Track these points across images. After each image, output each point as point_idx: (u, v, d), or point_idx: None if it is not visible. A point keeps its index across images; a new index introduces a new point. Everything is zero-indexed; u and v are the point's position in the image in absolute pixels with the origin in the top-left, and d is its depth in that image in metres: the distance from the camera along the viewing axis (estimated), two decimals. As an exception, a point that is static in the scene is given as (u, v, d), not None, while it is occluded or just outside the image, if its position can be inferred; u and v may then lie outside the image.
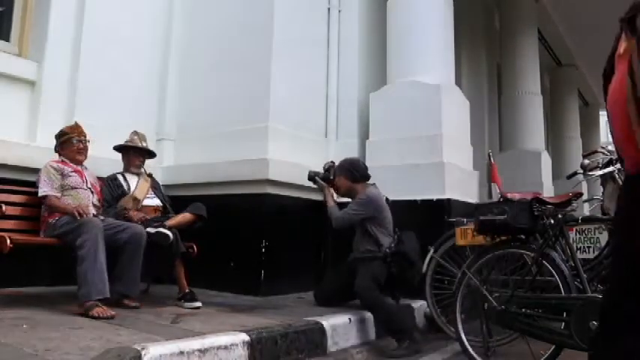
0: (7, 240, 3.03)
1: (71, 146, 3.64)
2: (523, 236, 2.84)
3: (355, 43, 5.32)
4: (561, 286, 2.59)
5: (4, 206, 3.25)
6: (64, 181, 3.51)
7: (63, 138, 3.66)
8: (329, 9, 5.33)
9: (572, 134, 11.47)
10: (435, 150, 4.53)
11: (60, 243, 3.32)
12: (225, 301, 3.85)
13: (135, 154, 4.08)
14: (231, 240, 4.31)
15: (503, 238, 2.90)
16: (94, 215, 3.49)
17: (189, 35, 5.23)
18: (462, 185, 4.63)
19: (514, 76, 8.02)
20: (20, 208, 3.54)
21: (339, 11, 5.38)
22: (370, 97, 5.07)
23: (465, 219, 3.54)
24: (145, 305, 3.39)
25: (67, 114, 4.29)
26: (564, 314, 2.58)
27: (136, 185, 3.96)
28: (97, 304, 2.97)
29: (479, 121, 7.65)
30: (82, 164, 3.71)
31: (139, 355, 2.08)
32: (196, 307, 3.47)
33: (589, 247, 3.88)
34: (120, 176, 4.01)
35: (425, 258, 3.74)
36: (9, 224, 3.40)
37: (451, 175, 4.48)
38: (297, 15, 4.92)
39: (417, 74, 4.79)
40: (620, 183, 3.19)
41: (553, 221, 2.78)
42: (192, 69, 5.12)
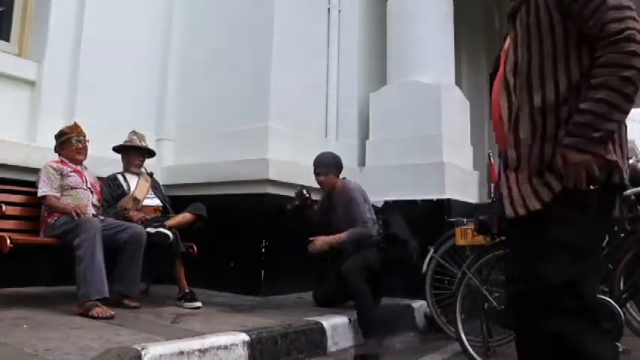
0: (7, 240, 3.03)
1: (70, 146, 3.64)
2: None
3: (355, 43, 5.32)
4: (561, 286, 2.59)
5: (4, 206, 3.25)
6: (63, 181, 3.51)
7: (62, 138, 3.66)
8: (329, 9, 5.33)
9: (572, 134, 11.46)
10: (435, 150, 4.53)
11: (59, 243, 3.32)
12: (225, 301, 3.85)
13: (134, 153, 4.07)
14: (231, 240, 4.31)
15: (503, 238, 2.89)
16: (93, 215, 3.49)
17: (189, 35, 5.22)
18: (462, 185, 4.63)
19: (514, 76, 8.00)
20: (20, 208, 3.55)
21: (339, 11, 5.38)
22: (370, 97, 5.07)
23: (465, 219, 3.54)
24: (145, 305, 3.39)
25: (67, 114, 4.29)
26: (564, 314, 2.58)
27: (136, 185, 3.96)
28: (97, 304, 2.97)
29: (479, 121, 7.64)
30: (81, 164, 3.71)
31: (139, 355, 2.08)
32: (196, 307, 3.47)
33: (589, 247, 3.88)
34: (120, 176, 4.01)
35: (425, 258, 3.74)
36: (9, 224, 3.40)
37: (451, 175, 4.48)
38: (297, 15, 4.91)
39: (417, 74, 4.79)
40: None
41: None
42: (192, 69, 5.12)
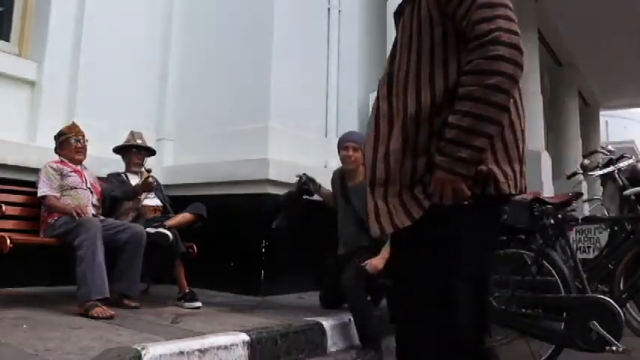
0: (7, 240, 3.03)
1: (69, 146, 3.64)
2: (523, 236, 2.84)
3: (355, 43, 5.32)
4: (561, 286, 2.59)
5: (4, 206, 3.25)
6: (63, 181, 3.51)
7: (61, 138, 3.66)
8: (329, 9, 5.32)
9: (572, 134, 11.45)
10: (435, 150, 4.52)
11: (59, 243, 3.33)
12: (225, 301, 3.85)
13: (134, 152, 4.08)
14: (231, 240, 4.31)
15: (503, 238, 2.90)
16: (93, 215, 3.49)
17: (189, 35, 5.22)
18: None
19: (514, 76, 8.00)
20: (20, 208, 3.55)
21: (339, 11, 5.37)
22: (370, 97, 5.07)
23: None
24: (145, 305, 3.39)
25: (67, 114, 4.29)
26: (564, 314, 2.58)
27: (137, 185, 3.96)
28: (97, 304, 2.97)
29: (479, 121, 7.64)
30: (81, 164, 3.71)
31: (138, 355, 2.08)
32: (196, 307, 3.46)
33: (589, 247, 3.89)
34: (123, 175, 4.02)
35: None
36: (9, 224, 3.40)
37: (451, 175, 4.48)
38: (297, 15, 4.91)
39: (417, 74, 4.78)
40: (621, 183, 3.19)
41: (553, 221, 2.78)
42: (192, 69, 5.12)
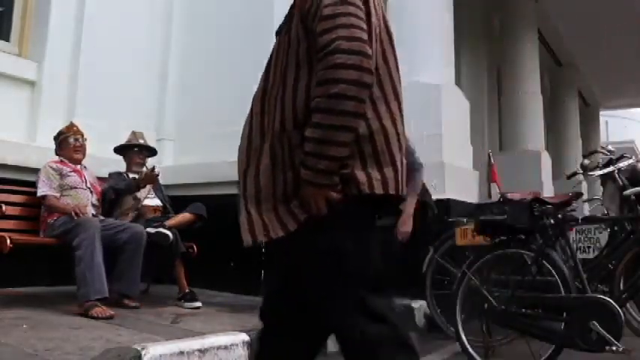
0: (7, 240, 3.03)
1: (68, 145, 3.64)
2: (523, 236, 2.84)
3: (355, 43, 5.31)
4: (561, 286, 2.59)
5: (4, 206, 3.25)
6: (62, 181, 3.51)
7: (60, 138, 3.67)
8: (329, 9, 5.32)
9: (572, 134, 11.46)
10: (435, 150, 4.52)
11: (59, 243, 3.32)
12: (225, 301, 3.85)
13: (135, 152, 4.08)
14: (231, 240, 4.27)
15: (503, 238, 2.89)
16: (93, 215, 3.49)
17: (189, 35, 5.22)
18: (461, 185, 4.62)
19: (514, 76, 8.01)
20: (20, 208, 3.55)
21: (339, 11, 5.37)
22: (370, 97, 5.06)
23: (465, 219, 3.53)
24: (145, 305, 3.39)
25: (67, 114, 4.28)
26: (564, 314, 2.58)
27: (137, 185, 3.96)
28: (97, 304, 2.97)
29: (479, 121, 7.65)
30: (80, 163, 3.71)
31: (139, 355, 2.08)
32: (196, 307, 3.46)
33: (589, 247, 3.88)
34: (124, 175, 4.02)
35: (425, 258, 3.74)
36: (9, 224, 3.40)
37: (451, 175, 4.48)
38: (297, 15, 4.90)
39: (417, 74, 4.78)
40: (621, 183, 3.19)
41: (553, 221, 2.77)
42: (192, 69, 5.11)
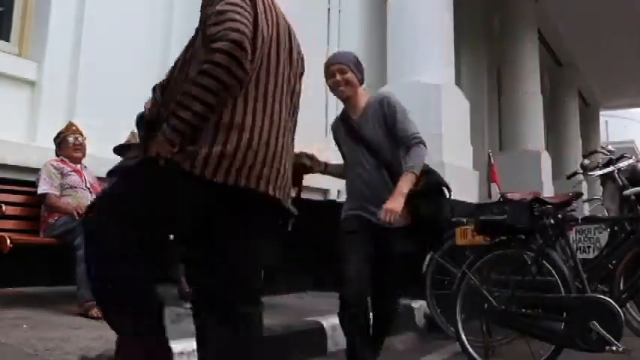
0: (7, 240, 3.03)
1: (68, 144, 3.65)
2: (523, 236, 2.84)
3: (355, 43, 5.32)
4: (561, 286, 2.59)
5: (4, 206, 3.24)
6: (63, 180, 3.51)
7: (60, 138, 3.68)
8: (329, 9, 5.33)
9: (572, 134, 11.46)
10: (435, 150, 4.52)
11: (59, 243, 3.32)
12: (225, 301, 3.84)
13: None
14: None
15: (503, 238, 2.90)
16: (93, 215, 3.49)
17: (189, 36, 5.19)
18: (462, 185, 4.62)
19: (514, 76, 8.02)
20: (20, 208, 3.54)
21: (339, 11, 5.38)
22: (370, 97, 5.07)
23: (465, 219, 3.53)
24: (145, 305, 3.38)
25: (67, 114, 4.28)
26: (564, 314, 2.58)
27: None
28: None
29: (479, 121, 7.65)
30: (80, 163, 3.71)
31: (138, 355, 2.08)
32: (196, 307, 3.46)
33: (589, 247, 3.89)
34: (124, 175, 4.03)
35: (425, 257, 3.74)
36: (9, 224, 3.39)
37: (451, 175, 4.47)
38: (297, 15, 4.90)
39: (417, 74, 4.79)
40: (621, 183, 3.18)
41: (553, 221, 2.78)
42: (192, 69, 5.11)
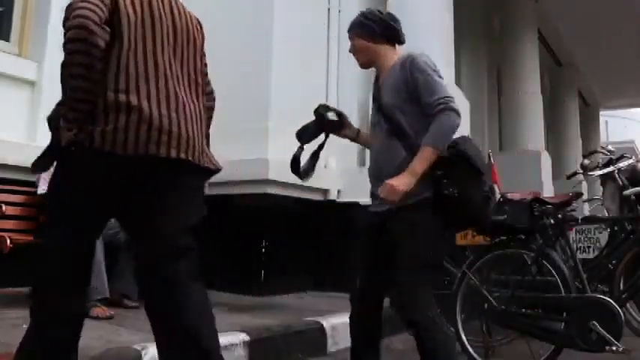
0: (7, 240, 3.03)
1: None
2: (523, 236, 2.84)
3: (355, 43, 5.32)
4: (561, 286, 2.59)
5: (4, 206, 3.25)
6: (63, 181, 3.51)
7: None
8: (329, 9, 5.33)
9: (572, 134, 11.46)
10: (435, 150, 4.52)
11: (60, 243, 3.32)
12: (225, 301, 3.84)
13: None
14: (231, 240, 4.31)
15: (503, 238, 2.90)
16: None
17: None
18: (462, 185, 4.62)
19: (514, 76, 8.01)
20: (20, 208, 3.54)
21: (339, 11, 5.37)
22: (369, 97, 5.06)
23: (465, 219, 3.53)
24: (145, 305, 3.39)
25: (67, 114, 4.28)
26: (564, 314, 2.58)
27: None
28: (97, 304, 2.97)
29: (479, 121, 7.65)
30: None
31: (139, 355, 2.08)
32: (196, 307, 3.46)
33: (589, 247, 3.89)
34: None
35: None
36: (9, 224, 3.40)
37: (451, 175, 4.48)
38: (297, 15, 4.91)
39: (417, 74, 4.78)
40: (621, 183, 3.19)
41: (553, 221, 2.78)
42: (192, 69, 5.11)
